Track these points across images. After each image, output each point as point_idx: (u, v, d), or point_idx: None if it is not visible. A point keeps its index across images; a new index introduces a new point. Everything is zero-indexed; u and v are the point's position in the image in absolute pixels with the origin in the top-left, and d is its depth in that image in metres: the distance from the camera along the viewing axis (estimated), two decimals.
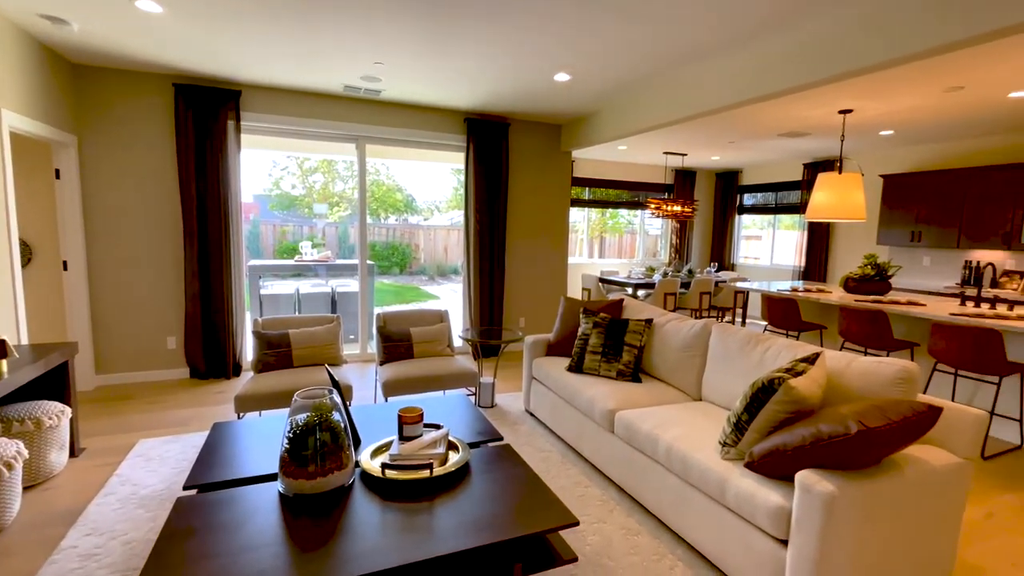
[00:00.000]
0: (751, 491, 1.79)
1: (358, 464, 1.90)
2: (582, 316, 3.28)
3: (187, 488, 1.78)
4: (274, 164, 12.20)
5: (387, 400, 3.44)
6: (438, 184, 14.01)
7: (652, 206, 6.79)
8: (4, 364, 2.35)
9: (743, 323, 6.67)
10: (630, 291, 6.63)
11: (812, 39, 2.78)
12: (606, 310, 3.45)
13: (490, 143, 5.06)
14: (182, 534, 1.49)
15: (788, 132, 5.40)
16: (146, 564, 1.36)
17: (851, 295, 4.50)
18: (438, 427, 2.12)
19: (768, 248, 8.17)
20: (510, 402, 3.90)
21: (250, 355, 4.38)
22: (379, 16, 2.79)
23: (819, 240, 6.98)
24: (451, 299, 9.87)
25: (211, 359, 4.30)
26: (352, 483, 1.79)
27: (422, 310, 3.87)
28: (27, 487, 2.52)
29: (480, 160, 5.04)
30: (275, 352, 3.23)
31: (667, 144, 6.36)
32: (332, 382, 2.06)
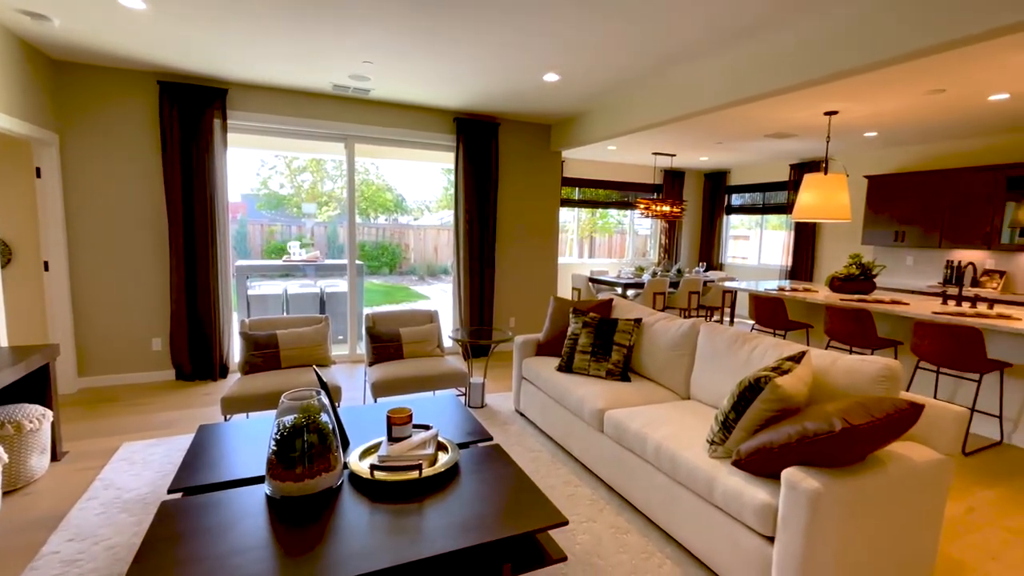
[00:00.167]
0: (738, 489, 1.81)
1: (347, 466, 1.89)
2: (572, 316, 3.29)
3: (172, 491, 1.76)
4: (262, 163, 12.08)
5: (376, 401, 3.42)
6: (428, 184, 13.98)
7: (641, 206, 6.83)
8: None
9: (731, 322, 6.74)
10: (620, 291, 6.66)
11: (801, 41, 2.81)
12: (595, 310, 3.46)
13: (480, 143, 5.05)
14: (166, 538, 1.47)
15: (775, 133, 5.46)
16: (129, 570, 1.34)
17: (837, 294, 4.56)
18: (427, 428, 2.12)
19: (756, 248, 8.25)
20: (500, 402, 3.90)
21: (237, 356, 4.33)
22: (366, 15, 2.77)
23: (806, 240, 7.06)
24: (441, 299, 9.85)
25: (197, 360, 4.24)
26: (340, 485, 1.78)
27: (412, 310, 3.85)
28: (7, 492, 2.47)
29: (470, 160, 5.03)
30: (262, 353, 3.20)
31: (656, 144, 6.40)
32: (320, 383, 2.04)
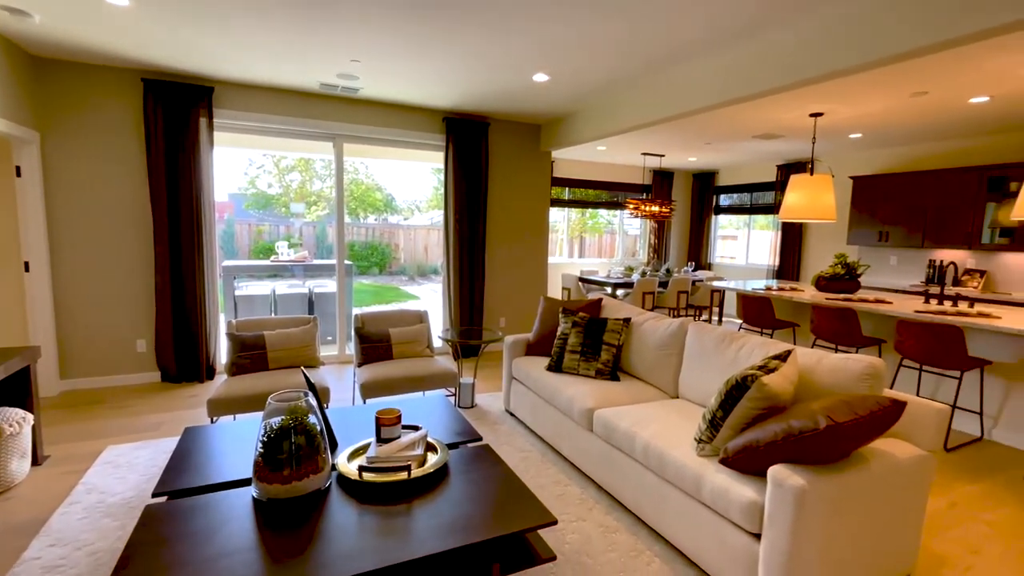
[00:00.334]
0: (725, 486, 1.83)
1: (335, 467, 1.87)
2: (561, 316, 3.30)
3: (157, 495, 1.73)
4: (250, 162, 11.95)
5: (365, 402, 3.40)
6: (418, 183, 13.92)
7: (631, 206, 6.87)
8: None
9: (719, 321, 6.80)
10: (609, 290, 6.69)
11: (793, 41, 2.83)
12: (585, 310, 3.48)
13: (470, 142, 5.05)
14: (150, 542, 1.45)
15: (762, 134, 5.52)
16: (111, 575, 1.31)
17: (822, 293, 4.62)
18: (417, 428, 2.11)
19: (744, 248, 8.33)
20: (490, 402, 3.90)
21: (224, 358, 4.28)
22: (354, 14, 2.76)
23: (792, 240, 7.15)
24: (432, 299, 9.82)
25: (183, 362, 4.19)
26: (328, 487, 1.76)
27: (401, 311, 3.83)
28: None
29: (460, 159, 5.02)
30: (250, 354, 3.16)
31: (645, 145, 6.43)
32: (308, 384, 2.03)
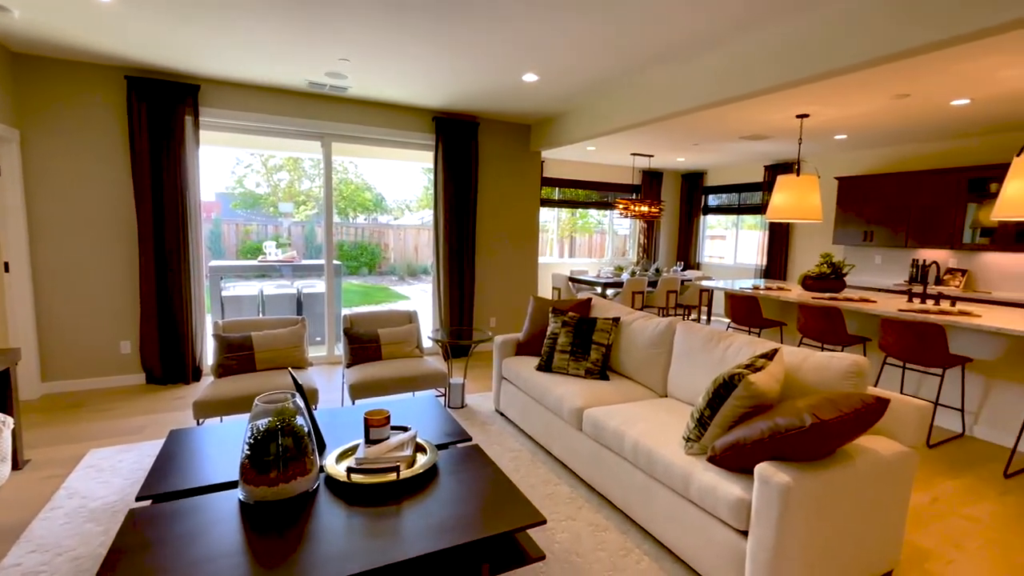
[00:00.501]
0: (713, 484, 1.84)
1: (323, 469, 1.86)
2: (551, 315, 3.31)
3: (141, 499, 1.71)
4: (237, 161, 11.81)
5: (354, 403, 3.38)
6: (408, 183, 13.86)
7: (620, 206, 6.90)
8: None
9: (708, 321, 6.85)
10: (599, 290, 6.71)
11: (783, 41, 2.85)
12: (575, 309, 3.48)
13: (459, 142, 5.03)
14: (134, 547, 1.43)
15: (750, 135, 5.57)
16: None
17: (809, 293, 4.68)
18: (406, 429, 2.10)
19: (732, 247, 8.41)
20: (480, 402, 3.89)
21: (210, 359, 4.23)
22: (342, 13, 2.74)
23: (779, 240, 7.23)
24: (421, 299, 9.78)
25: (168, 364, 4.13)
26: (316, 489, 1.75)
27: (391, 311, 3.82)
28: None
29: (449, 159, 5.01)
30: (237, 355, 3.13)
31: (634, 145, 6.47)
32: (296, 386, 2.01)
